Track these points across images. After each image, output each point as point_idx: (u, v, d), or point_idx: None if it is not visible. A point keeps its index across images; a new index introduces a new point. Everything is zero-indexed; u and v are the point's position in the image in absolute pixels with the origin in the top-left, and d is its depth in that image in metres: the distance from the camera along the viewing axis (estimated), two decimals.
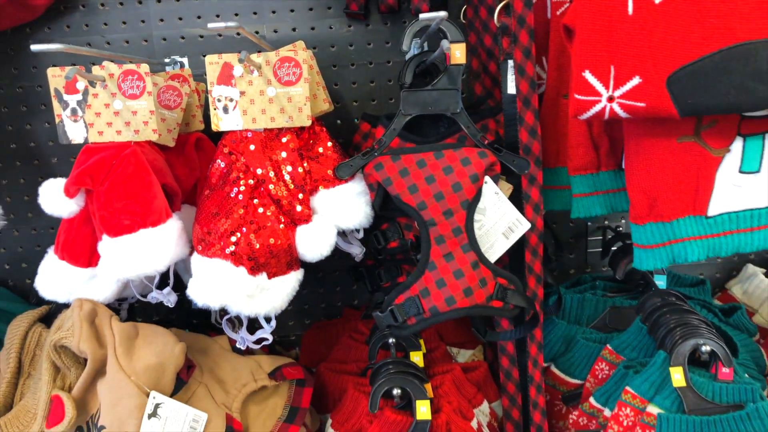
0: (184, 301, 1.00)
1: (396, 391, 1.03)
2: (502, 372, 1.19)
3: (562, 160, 1.10)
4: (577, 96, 0.84)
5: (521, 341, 1.14)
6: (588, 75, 0.83)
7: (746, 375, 1.12)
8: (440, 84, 0.99)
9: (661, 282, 1.25)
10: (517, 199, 1.03)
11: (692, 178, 0.93)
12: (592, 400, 1.14)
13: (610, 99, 0.83)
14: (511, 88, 0.99)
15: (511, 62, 0.99)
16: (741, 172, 0.93)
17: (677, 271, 1.43)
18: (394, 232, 1.05)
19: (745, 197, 0.94)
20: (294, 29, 1.31)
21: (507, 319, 1.10)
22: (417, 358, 1.16)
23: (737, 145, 0.92)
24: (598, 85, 0.83)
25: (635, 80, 0.82)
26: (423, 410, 1.03)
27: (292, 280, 0.99)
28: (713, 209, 0.94)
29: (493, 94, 1.17)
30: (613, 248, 1.33)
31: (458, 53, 0.97)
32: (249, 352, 1.19)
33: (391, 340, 1.14)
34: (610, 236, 1.39)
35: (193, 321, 1.38)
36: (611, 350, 1.17)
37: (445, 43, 0.95)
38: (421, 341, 1.19)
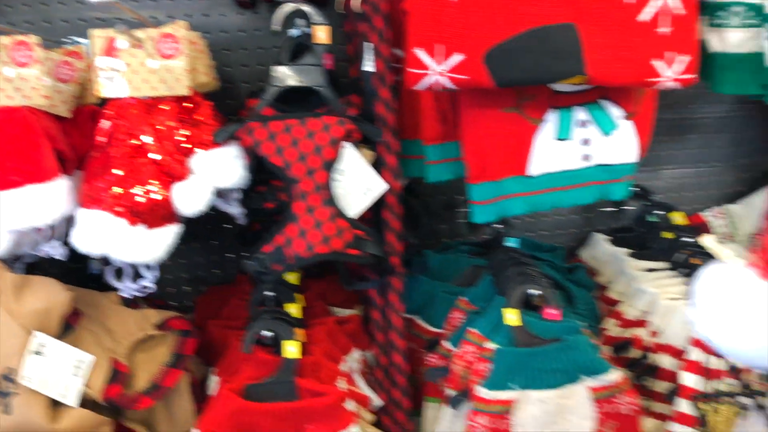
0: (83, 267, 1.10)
1: (267, 334, 1.16)
2: (373, 323, 1.33)
3: (418, 132, 1.25)
4: (410, 69, 1.00)
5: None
6: (419, 51, 0.99)
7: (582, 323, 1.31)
8: (305, 61, 1.13)
9: (514, 244, 1.43)
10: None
11: (515, 143, 1.10)
12: (445, 343, 1.30)
13: (439, 73, 0.99)
14: (369, 67, 1.14)
15: (368, 44, 1.14)
16: (556, 139, 1.11)
17: (539, 240, 1.63)
18: (270, 193, 1.18)
19: (560, 160, 1.13)
20: (189, 15, 1.42)
21: (370, 271, 1.24)
22: (293, 309, 1.29)
23: (552, 115, 1.10)
24: (428, 60, 0.99)
25: (459, 56, 0.98)
26: (291, 350, 1.16)
27: (171, 232, 1.10)
28: (534, 170, 1.12)
29: None
30: None
31: (321, 34, 1.11)
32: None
33: (268, 294, 1.26)
34: None
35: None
36: (465, 301, 1.34)
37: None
38: (298, 296, 1.32)
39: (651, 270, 1.41)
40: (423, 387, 1.36)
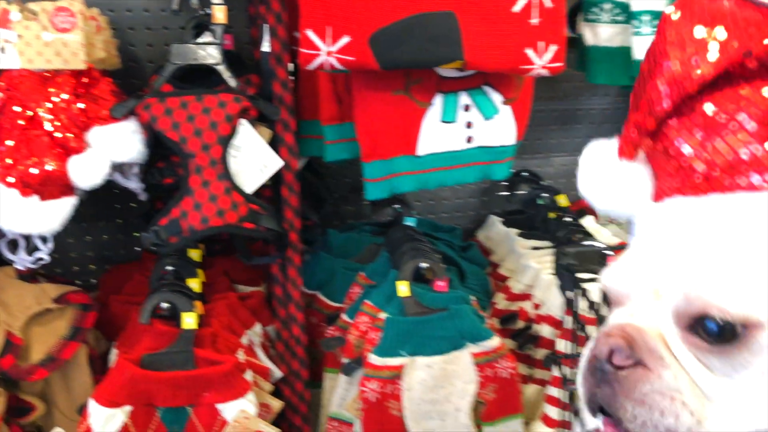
0: None
1: (164, 305, 1.19)
2: (275, 298, 1.38)
3: (317, 113, 1.31)
4: (302, 50, 1.05)
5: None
6: (310, 33, 1.04)
7: (473, 296, 1.40)
8: (204, 40, 1.17)
9: (411, 223, 1.51)
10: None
11: (404, 125, 1.17)
12: (343, 315, 1.36)
13: (328, 53, 1.05)
14: (266, 47, 1.19)
15: (266, 26, 1.18)
16: (442, 121, 1.19)
17: (440, 221, 1.72)
18: (169, 169, 1.21)
19: (446, 141, 1.21)
20: None
21: (270, 245, 1.29)
22: (194, 284, 1.32)
23: (438, 99, 1.18)
24: (318, 42, 1.05)
25: (346, 39, 1.04)
26: (189, 321, 1.19)
27: (66, 205, 1.11)
28: (421, 150, 1.20)
29: None
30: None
31: (219, 14, 1.15)
32: None
33: (169, 268, 1.29)
34: None
35: None
36: (363, 276, 1.41)
37: None
38: (200, 272, 1.35)
39: (536, 248, 1.52)
40: (323, 359, 1.42)
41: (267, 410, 1.29)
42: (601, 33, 1.30)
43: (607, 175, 0.66)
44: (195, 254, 1.41)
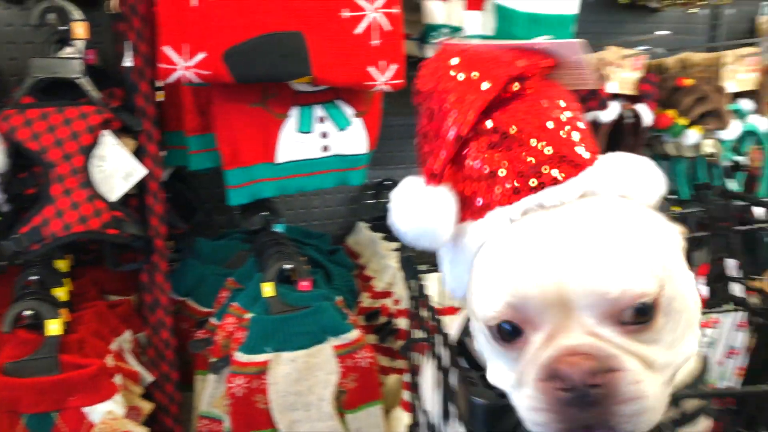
0: None
1: (27, 313, 1.21)
2: (145, 306, 1.42)
3: (181, 124, 1.38)
4: (161, 65, 1.13)
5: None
6: (168, 50, 1.12)
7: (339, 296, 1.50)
8: (65, 54, 1.21)
9: (280, 229, 1.60)
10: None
11: (262, 135, 1.27)
12: (212, 319, 1.43)
13: (186, 68, 1.13)
14: (128, 62, 1.24)
15: (127, 42, 1.24)
16: (299, 131, 1.30)
17: (309, 228, 1.81)
18: (31, 179, 1.24)
19: (304, 150, 1.31)
20: None
21: (137, 253, 1.34)
22: (60, 293, 1.34)
23: (294, 111, 1.29)
24: (175, 57, 1.12)
25: (202, 55, 1.12)
26: (53, 327, 1.22)
27: None
28: (280, 158, 1.29)
29: None
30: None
31: (79, 30, 1.20)
32: None
33: (33, 278, 1.31)
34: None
35: None
36: (232, 281, 1.48)
37: None
38: (67, 280, 1.37)
39: (397, 249, 1.65)
40: (194, 363, 1.47)
41: (137, 412, 1.33)
42: None
43: (416, 202, 0.66)
44: (62, 264, 1.42)
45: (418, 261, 1.18)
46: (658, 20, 2.13)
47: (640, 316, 0.55)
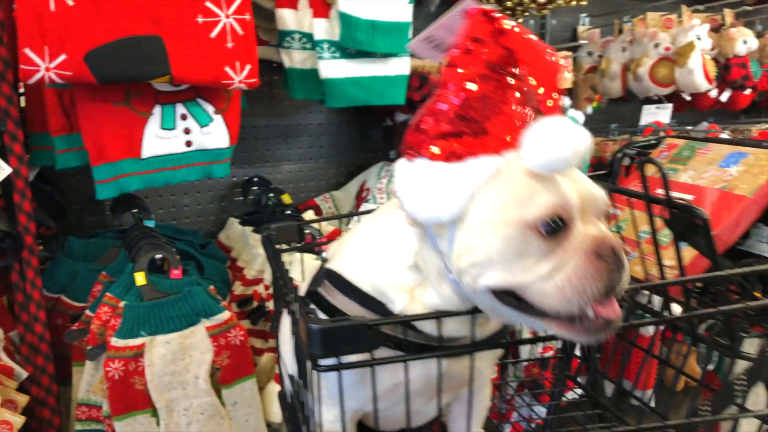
0: None
1: None
2: (16, 304, 1.46)
3: (47, 125, 1.44)
4: (22, 66, 1.20)
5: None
6: (29, 51, 1.19)
7: (211, 285, 1.60)
8: None
9: (150, 224, 1.68)
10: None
11: (127, 132, 1.36)
12: (87, 311, 1.49)
13: (47, 69, 1.21)
14: None
15: None
16: (162, 128, 1.40)
17: (181, 225, 1.90)
18: None
19: (169, 145, 1.41)
20: None
21: (6, 251, 1.38)
22: None
23: (157, 109, 1.39)
24: (37, 59, 1.20)
25: (63, 56, 1.20)
26: None
27: None
28: (145, 153, 1.39)
29: None
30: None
31: None
32: None
33: None
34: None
35: None
36: (104, 275, 1.54)
37: None
38: None
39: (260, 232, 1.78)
40: (71, 357, 1.52)
41: (13, 405, 1.37)
42: (295, 57, 1.61)
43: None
44: None
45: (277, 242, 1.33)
46: None
47: (607, 219, 0.80)
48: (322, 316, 0.93)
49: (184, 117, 1.42)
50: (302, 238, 1.38)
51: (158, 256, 1.48)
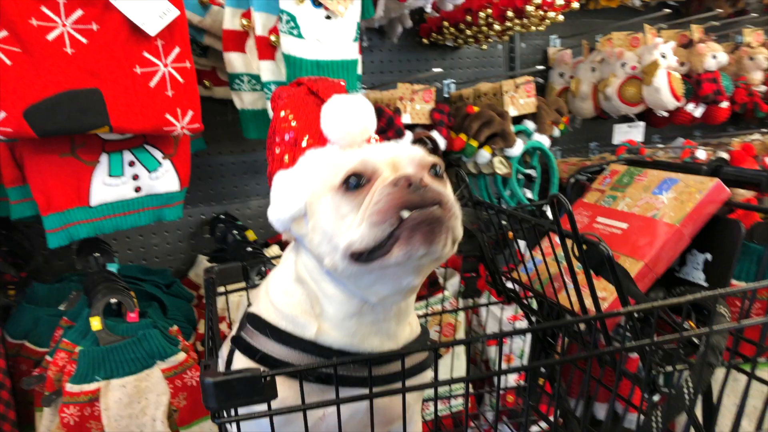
0: None
1: None
2: None
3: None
4: None
5: None
6: None
7: (174, 325, 1.62)
8: None
9: (113, 268, 1.71)
10: None
11: (74, 181, 1.39)
12: (47, 357, 1.51)
13: None
14: None
15: None
16: (110, 175, 1.43)
17: (151, 265, 1.93)
18: None
19: (117, 192, 1.44)
20: None
21: None
22: None
23: (104, 158, 1.42)
24: None
25: (2, 114, 1.24)
26: None
27: None
28: (94, 201, 1.42)
29: None
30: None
31: None
32: None
33: None
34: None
35: None
36: (65, 319, 1.57)
37: None
38: None
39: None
40: (34, 400, 1.55)
41: None
42: (245, 98, 1.64)
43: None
44: None
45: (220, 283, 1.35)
46: (458, 56, 2.43)
47: (438, 175, 0.88)
48: (242, 361, 0.96)
49: (132, 164, 1.45)
50: (247, 278, 1.41)
51: (113, 300, 1.50)
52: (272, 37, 1.56)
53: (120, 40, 1.33)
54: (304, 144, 0.93)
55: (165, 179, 1.50)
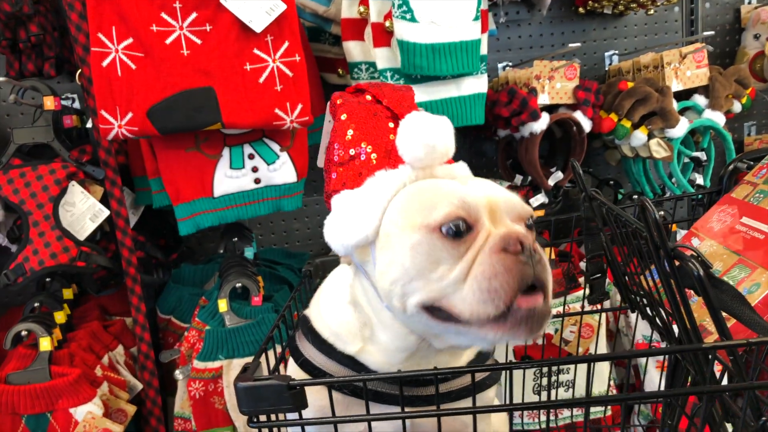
0: None
1: (23, 333, 1.50)
2: (137, 324, 1.68)
3: (143, 170, 1.63)
4: (101, 126, 1.38)
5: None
6: (104, 113, 1.37)
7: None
8: (39, 123, 1.50)
9: (248, 253, 1.81)
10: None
11: (199, 174, 1.49)
12: (186, 333, 1.66)
13: (120, 126, 1.37)
14: (90, 124, 1.51)
15: (87, 107, 1.51)
16: (231, 168, 1.51)
17: (291, 248, 2.02)
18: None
19: (238, 183, 1.52)
20: None
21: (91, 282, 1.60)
22: (59, 316, 1.62)
23: (226, 151, 1.50)
24: (111, 119, 1.37)
25: (130, 115, 1.36)
26: (45, 344, 1.49)
27: None
28: (217, 192, 1.51)
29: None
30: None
31: (48, 103, 1.49)
32: None
33: (36, 304, 1.60)
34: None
35: None
36: (204, 299, 1.71)
37: None
38: (66, 306, 1.66)
39: None
40: None
41: (123, 414, 1.59)
42: None
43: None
44: (67, 292, 1.72)
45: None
46: (623, 23, 2.16)
47: (531, 227, 0.79)
48: (291, 363, 0.96)
49: (251, 156, 1.51)
50: None
51: (239, 284, 1.59)
52: (387, 23, 1.51)
53: (231, 38, 1.38)
54: (374, 161, 0.85)
55: (282, 171, 1.54)
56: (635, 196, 1.87)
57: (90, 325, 1.67)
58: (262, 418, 0.79)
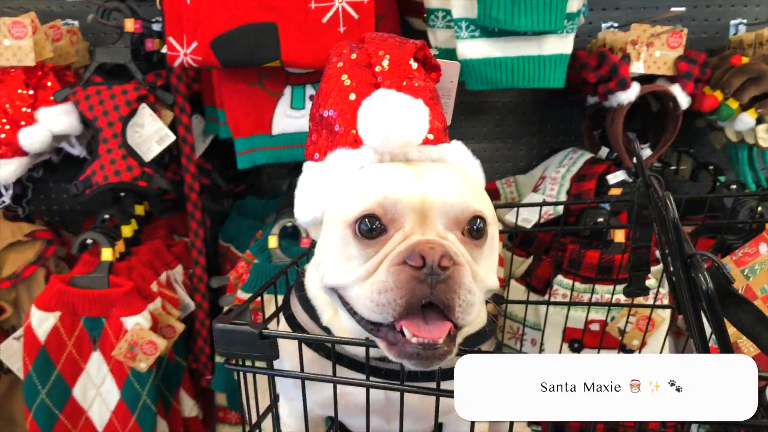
0: None
1: (89, 241, 1.60)
2: (194, 248, 1.75)
3: (213, 100, 1.65)
4: (168, 52, 1.40)
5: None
6: (172, 39, 1.39)
7: None
8: (119, 44, 1.55)
9: None
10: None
11: (259, 110, 1.49)
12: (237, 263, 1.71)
13: (185, 54, 1.39)
14: (164, 49, 1.55)
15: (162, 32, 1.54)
16: (292, 107, 1.50)
17: None
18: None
19: (297, 124, 1.51)
20: None
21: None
22: (126, 230, 1.72)
23: (288, 90, 1.48)
24: (177, 46, 1.39)
25: (195, 44, 1.38)
26: (106, 254, 1.59)
27: (18, 162, 1.55)
28: (275, 130, 1.50)
29: None
30: None
31: (129, 24, 1.53)
32: None
33: (106, 216, 1.70)
34: None
35: None
36: (260, 232, 1.74)
37: None
38: (133, 221, 1.74)
39: None
40: None
41: (172, 330, 1.67)
42: (439, 36, 1.53)
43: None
44: (139, 208, 1.81)
45: None
46: None
47: (474, 233, 0.72)
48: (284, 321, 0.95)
49: (312, 98, 1.49)
50: None
51: (289, 224, 1.61)
52: None
53: None
54: (349, 132, 0.80)
55: None
56: (733, 186, 1.68)
57: (154, 243, 1.75)
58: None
